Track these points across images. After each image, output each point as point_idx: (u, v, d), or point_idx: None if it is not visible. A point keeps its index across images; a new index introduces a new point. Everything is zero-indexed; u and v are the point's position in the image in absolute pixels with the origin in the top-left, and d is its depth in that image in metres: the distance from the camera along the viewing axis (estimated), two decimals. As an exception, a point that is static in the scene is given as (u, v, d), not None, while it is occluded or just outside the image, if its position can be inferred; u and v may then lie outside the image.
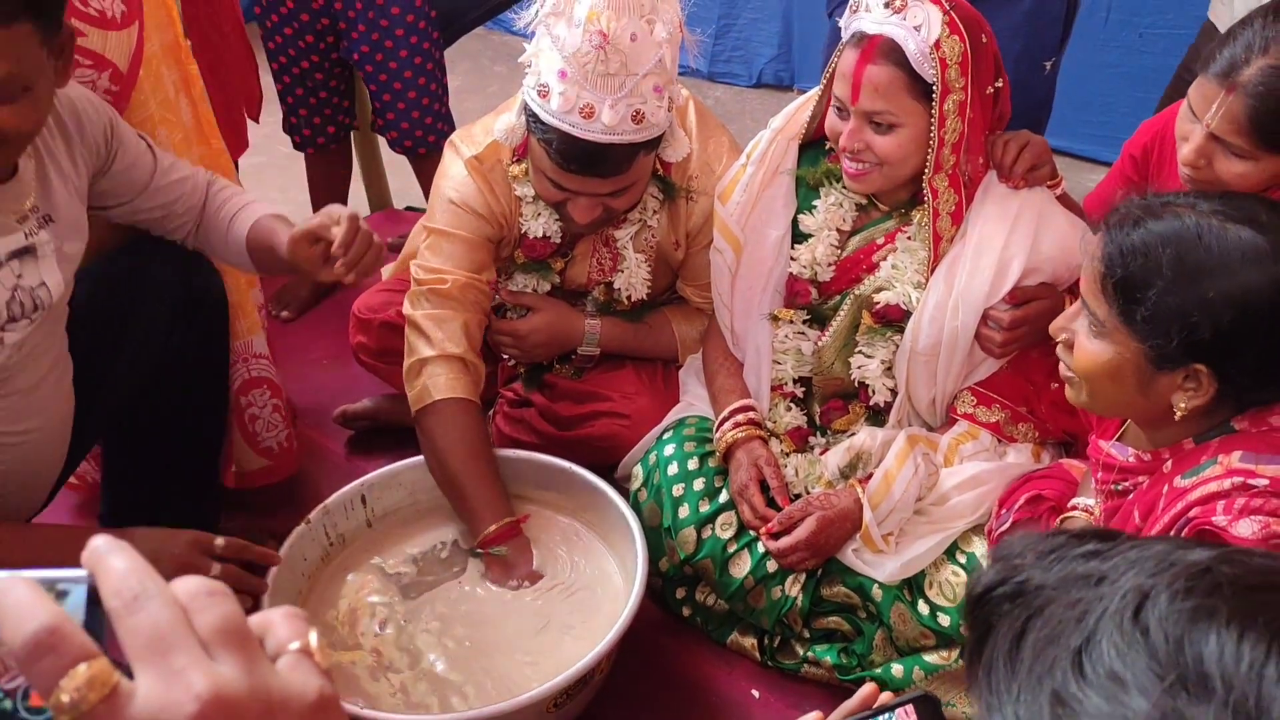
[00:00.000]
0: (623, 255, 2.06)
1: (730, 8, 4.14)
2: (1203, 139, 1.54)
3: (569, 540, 1.94)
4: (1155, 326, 1.23)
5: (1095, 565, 0.57)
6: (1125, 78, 3.33)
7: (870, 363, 1.85)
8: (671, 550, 1.91)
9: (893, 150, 1.72)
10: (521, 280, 2.11)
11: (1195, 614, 0.51)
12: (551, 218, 2.01)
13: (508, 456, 2.02)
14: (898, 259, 1.82)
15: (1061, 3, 2.25)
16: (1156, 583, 0.53)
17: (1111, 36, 3.33)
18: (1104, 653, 0.52)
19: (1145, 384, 1.27)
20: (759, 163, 1.90)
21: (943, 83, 1.65)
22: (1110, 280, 1.25)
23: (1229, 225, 1.21)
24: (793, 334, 1.92)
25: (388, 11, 2.56)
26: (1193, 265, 1.20)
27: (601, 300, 2.14)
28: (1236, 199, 1.29)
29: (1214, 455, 1.26)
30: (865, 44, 1.68)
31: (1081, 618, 0.54)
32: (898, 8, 1.66)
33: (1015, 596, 0.59)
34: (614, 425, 2.10)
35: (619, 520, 1.86)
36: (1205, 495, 1.23)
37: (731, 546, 1.87)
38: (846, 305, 1.89)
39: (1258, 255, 1.19)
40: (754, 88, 4.18)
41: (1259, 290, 1.19)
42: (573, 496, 1.96)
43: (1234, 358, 1.22)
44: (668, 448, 1.97)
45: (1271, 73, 1.46)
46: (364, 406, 2.46)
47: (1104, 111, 3.39)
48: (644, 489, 1.96)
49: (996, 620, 0.59)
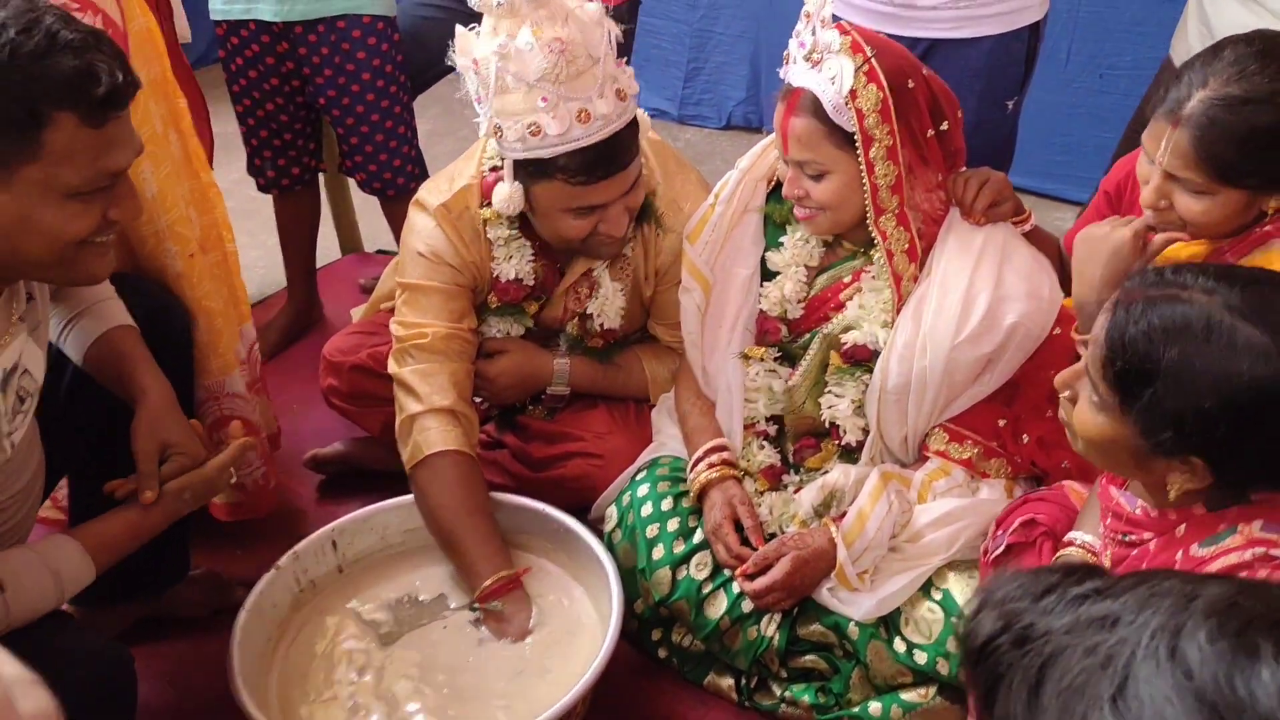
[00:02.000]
0: (599, 283, 2.06)
1: (700, 51, 4.19)
2: (1160, 178, 1.56)
3: (543, 583, 1.93)
4: (1150, 422, 1.20)
5: (1106, 606, 0.56)
6: (1088, 117, 3.39)
7: (840, 402, 1.86)
8: (646, 591, 1.90)
9: (828, 196, 1.76)
10: (496, 324, 2.10)
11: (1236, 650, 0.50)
12: (524, 259, 2.01)
13: (481, 498, 2.00)
14: (864, 299, 1.84)
15: (1022, 43, 2.28)
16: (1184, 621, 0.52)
17: (1073, 77, 3.39)
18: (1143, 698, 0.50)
19: (1141, 462, 1.26)
20: (727, 202, 1.92)
21: (861, 131, 1.69)
22: (1111, 368, 1.22)
23: (1239, 324, 1.14)
24: (764, 372, 1.93)
25: (353, 56, 2.57)
26: (1194, 368, 1.15)
27: (575, 335, 2.13)
28: (1256, 287, 1.19)
29: (1233, 524, 1.23)
30: (790, 96, 1.73)
31: (1108, 663, 0.52)
32: (815, 60, 1.70)
33: (1021, 643, 0.57)
34: (587, 465, 2.09)
35: (593, 562, 1.85)
36: (1227, 567, 1.20)
37: (707, 587, 1.86)
38: (815, 344, 1.89)
39: (1263, 361, 1.13)
40: (724, 130, 4.22)
41: (1258, 398, 1.14)
42: (546, 538, 1.95)
43: (1229, 457, 1.19)
44: (641, 488, 1.96)
45: (1211, 103, 1.49)
46: (334, 450, 2.43)
47: (1067, 151, 3.44)
48: (618, 530, 1.95)
49: (1005, 670, 0.57)
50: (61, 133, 1.25)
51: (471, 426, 1.97)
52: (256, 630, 1.76)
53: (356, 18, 2.55)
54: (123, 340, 1.66)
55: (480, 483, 1.94)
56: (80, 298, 1.68)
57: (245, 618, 1.73)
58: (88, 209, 1.32)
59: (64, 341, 1.69)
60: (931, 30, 2.21)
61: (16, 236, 1.29)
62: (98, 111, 1.26)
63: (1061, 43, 3.32)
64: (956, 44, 2.21)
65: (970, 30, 2.24)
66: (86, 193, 1.30)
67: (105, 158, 1.30)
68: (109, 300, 1.70)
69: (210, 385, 2.05)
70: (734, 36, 4.10)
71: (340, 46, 2.56)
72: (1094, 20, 3.30)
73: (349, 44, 2.56)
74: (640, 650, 1.98)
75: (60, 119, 1.24)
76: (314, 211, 2.97)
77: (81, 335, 1.67)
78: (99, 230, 1.35)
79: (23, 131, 1.23)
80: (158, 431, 1.59)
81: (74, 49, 1.24)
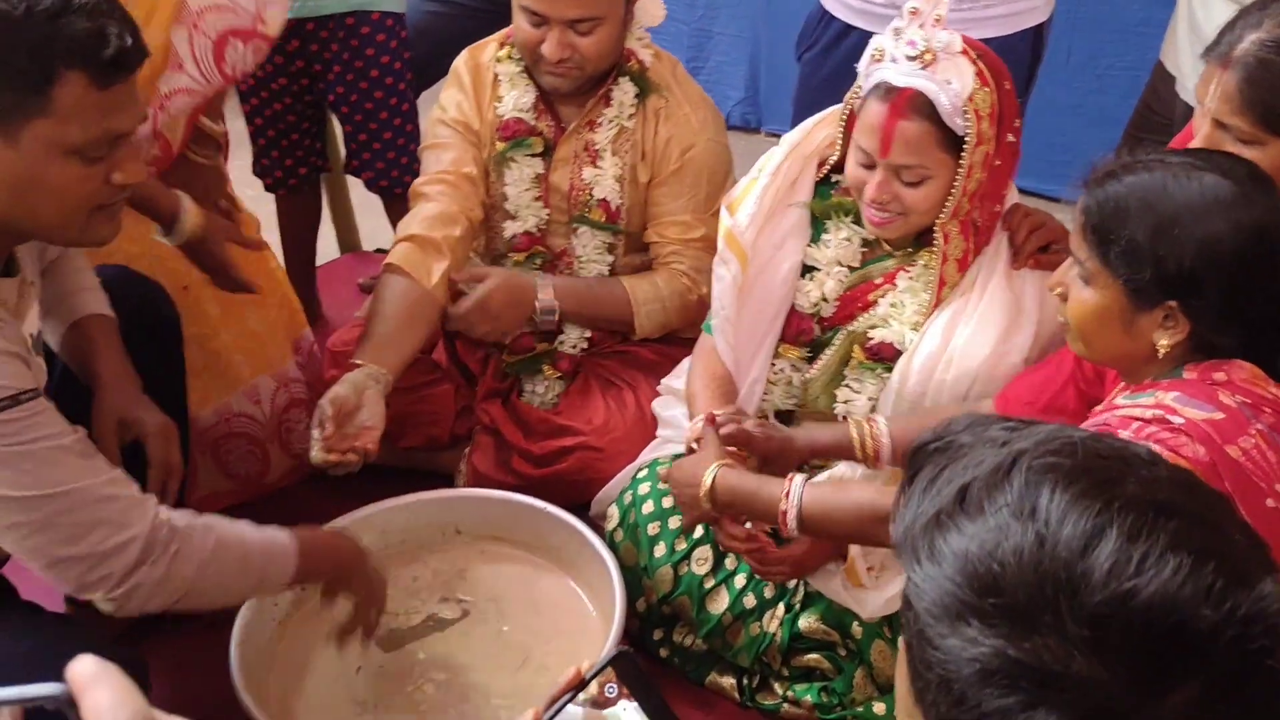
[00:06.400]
0: (600, 155, 2.11)
1: (698, 51, 4.18)
2: (1209, 127, 1.53)
3: (545, 582, 1.92)
4: (1128, 262, 1.31)
5: (1006, 434, 0.73)
6: (1088, 118, 3.39)
7: (858, 398, 1.84)
8: (649, 589, 1.89)
9: (921, 201, 1.71)
10: (510, 172, 2.15)
11: (1049, 469, 0.68)
12: (525, 92, 2.12)
13: (481, 498, 2.00)
14: (897, 297, 1.82)
15: (1027, 45, 2.28)
16: (1034, 445, 0.71)
17: (1073, 78, 3.39)
18: (978, 487, 0.69)
19: (1129, 324, 1.35)
20: (773, 175, 1.87)
21: (976, 135, 1.65)
22: (1088, 228, 1.35)
23: (1194, 173, 1.31)
24: (788, 367, 1.91)
25: (363, 53, 2.56)
26: (1159, 208, 1.30)
27: (580, 212, 2.16)
28: (1209, 153, 1.38)
29: (1156, 390, 1.34)
30: (894, 97, 1.65)
31: (977, 465, 0.71)
32: (927, 61, 1.64)
33: (941, 450, 0.75)
34: (587, 458, 2.10)
35: (595, 561, 1.84)
36: (1125, 416, 1.30)
37: (709, 582, 1.85)
38: (838, 340, 1.88)
39: (1219, 198, 1.29)
40: (722, 129, 4.22)
41: (1218, 229, 1.28)
42: (548, 537, 1.95)
43: (1199, 295, 1.30)
44: (642, 486, 1.95)
45: (1262, 45, 1.46)
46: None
47: (1068, 151, 3.43)
48: (620, 529, 1.95)
49: (924, 465, 0.74)
50: (70, 91, 1.28)
51: (434, 253, 2.03)
52: (257, 629, 1.75)
53: (367, 14, 2.54)
54: (93, 327, 1.67)
55: (415, 301, 2.01)
56: (62, 286, 1.69)
57: (246, 617, 1.72)
58: (92, 170, 1.34)
59: (44, 329, 1.69)
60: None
61: (28, 195, 1.33)
62: (106, 72, 1.29)
63: (1061, 43, 3.31)
64: (962, 42, 2.20)
65: (975, 31, 2.20)
66: (91, 153, 1.33)
67: (110, 119, 1.32)
68: (90, 290, 1.71)
69: (220, 408, 2.08)
70: (733, 36, 4.10)
71: (349, 43, 2.55)
72: (1093, 21, 3.30)
73: (358, 40, 2.55)
74: (642, 650, 1.97)
75: (70, 77, 1.27)
76: (315, 212, 2.97)
77: (58, 323, 1.68)
78: (105, 193, 1.37)
79: (34, 87, 1.27)
80: (114, 409, 1.60)
81: (86, 11, 1.28)
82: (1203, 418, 1.27)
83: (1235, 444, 1.26)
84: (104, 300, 1.72)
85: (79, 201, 1.35)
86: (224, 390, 2.12)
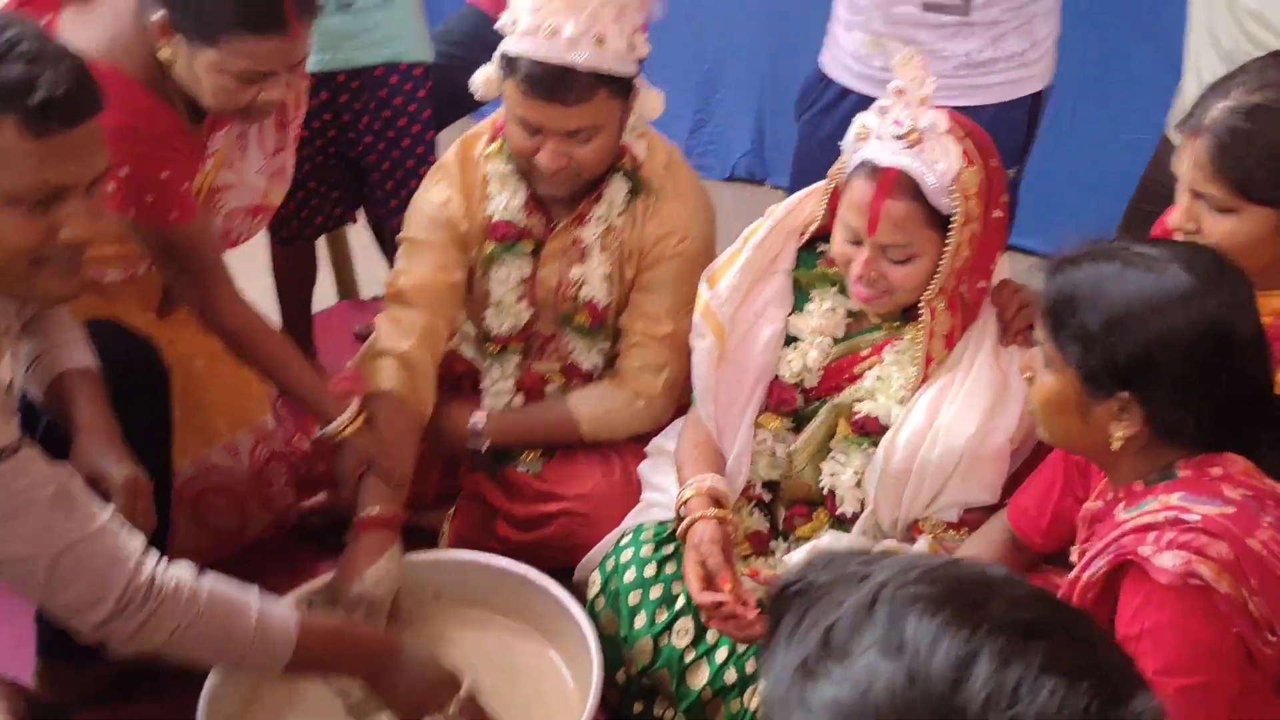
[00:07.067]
0: (589, 252, 2.08)
1: (705, 104, 4.19)
2: (1187, 198, 1.54)
3: (524, 650, 1.89)
4: (1080, 346, 1.32)
5: (862, 569, 0.72)
6: (1091, 183, 3.37)
7: (844, 471, 1.82)
8: (629, 660, 1.86)
9: (908, 279, 1.70)
10: (497, 273, 2.12)
11: (912, 599, 0.67)
12: (516, 195, 2.06)
13: (463, 561, 1.98)
14: (884, 370, 1.80)
15: (1024, 112, 2.28)
16: (893, 577, 0.69)
17: (1077, 143, 3.38)
18: (843, 628, 0.68)
19: (1085, 412, 1.34)
20: (755, 249, 1.86)
21: (964, 214, 1.64)
22: (1046, 312, 1.36)
23: (1153, 264, 1.31)
24: (772, 439, 1.88)
25: (391, 103, 2.57)
26: (1111, 293, 1.31)
27: (567, 312, 2.13)
28: (1173, 245, 1.40)
29: (1157, 494, 1.32)
30: (881, 176, 1.65)
31: (838, 605, 0.69)
32: (913, 141, 1.63)
33: (802, 593, 0.73)
34: (572, 524, 2.07)
35: (575, 629, 1.81)
36: (1139, 525, 1.28)
37: (689, 655, 1.81)
38: (823, 412, 1.85)
39: (1173, 290, 1.28)
40: (727, 181, 4.22)
41: (1171, 321, 1.28)
42: (529, 603, 1.92)
43: (1152, 385, 1.29)
44: (625, 553, 1.92)
45: (1230, 112, 1.47)
46: (319, 500, 2.40)
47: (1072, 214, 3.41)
48: (601, 596, 1.91)
49: (786, 611, 0.73)
50: (3, 136, 1.27)
51: (423, 376, 2.03)
52: (228, 694, 1.72)
53: (396, 65, 2.55)
54: (75, 380, 1.66)
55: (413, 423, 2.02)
56: (46, 339, 1.68)
57: (214, 681, 1.69)
58: (33, 222, 1.31)
59: (28, 382, 1.69)
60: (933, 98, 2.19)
61: None
62: (36, 120, 1.27)
63: (1065, 108, 3.32)
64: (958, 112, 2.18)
65: (973, 99, 2.22)
66: (29, 203, 1.30)
67: (47, 169, 1.30)
68: (74, 343, 1.69)
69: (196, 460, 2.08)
70: (739, 89, 4.11)
71: (378, 94, 2.55)
72: (1098, 86, 3.30)
73: (386, 90, 2.55)
74: (621, 721, 1.94)
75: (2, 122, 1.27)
76: (313, 260, 2.95)
77: (42, 376, 1.67)
78: (50, 248, 1.35)
79: None
80: (83, 465, 1.57)
81: (26, 58, 1.27)
82: (1215, 512, 1.25)
83: (1254, 536, 1.24)
84: (87, 353, 1.70)
85: (15, 252, 1.33)
86: (202, 444, 2.11)
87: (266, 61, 1.73)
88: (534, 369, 2.22)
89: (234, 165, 1.99)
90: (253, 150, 2.00)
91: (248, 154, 2.00)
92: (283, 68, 1.76)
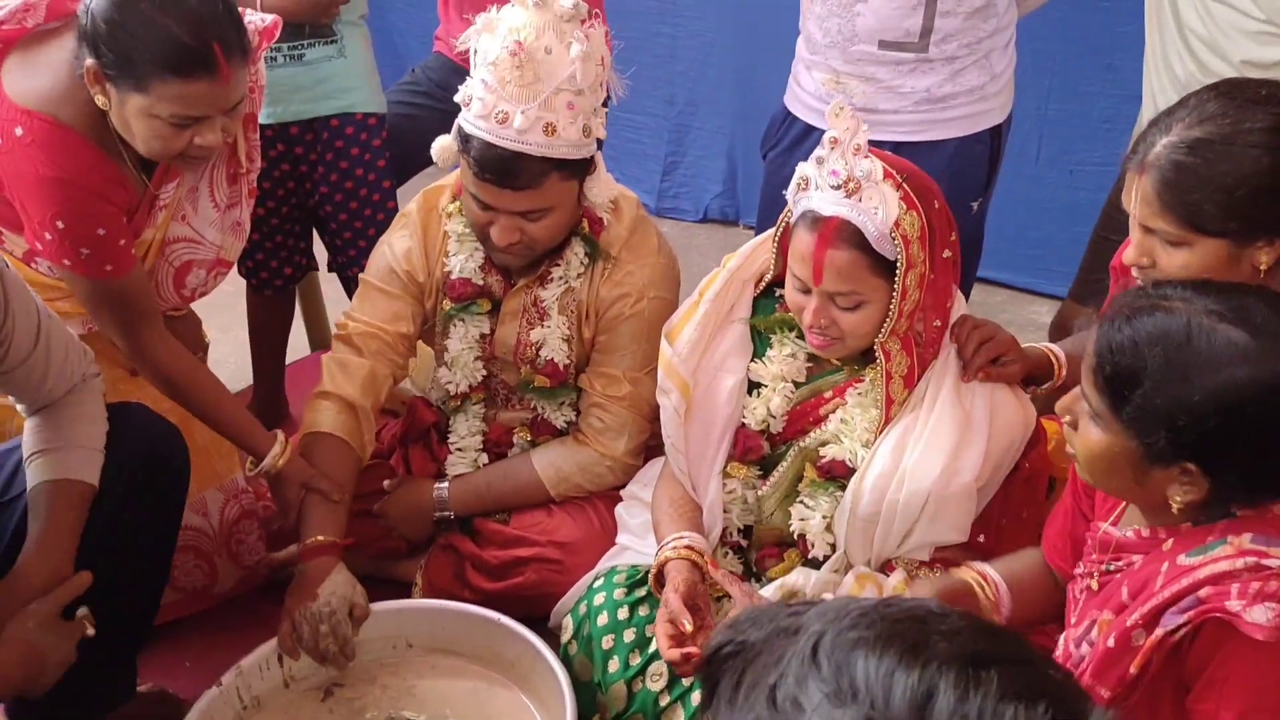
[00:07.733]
0: (547, 313, 2.06)
1: (677, 146, 4.23)
2: (1139, 233, 1.53)
3: (497, 698, 1.86)
4: (1142, 424, 1.23)
5: (793, 620, 0.71)
6: (1059, 212, 3.40)
7: (813, 516, 1.80)
8: (603, 706, 1.83)
9: (859, 325, 1.70)
10: (456, 330, 2.11)
11: (854, 644, 0.66)
12: (474, 256, 2.06)
13: (434, 609, 1.95)
14: (848, 413, 1.79)
15: (985, 145, 2.29)
16: (829, 625, 0.68)
17: (1043, 174, 3.41)
18: (789, 685, 0.66)
19: (1140, 476, 1.27)
20: (712, 302, 1.86)
21: (906, 259, 1.64)
22: (1100, 375, 1.26)
23: (1219, 325, 1.20)
24: (741, 486, 1.87)
25: (347, 154, 2.58)
26: (1179, 366, 1.20)
27: (526, 377, 2.12)
28: (1235, 294, 1.25)
29: (1222, 535, 1.25)
30: (822, 227, 1.65)
31: (778, 662, 0.68)
32: (851, 190, 1.62)
33: (736, 654, 0.72)
34: (544, 571, 2.05)
35: (549, 676, 1.79)
36: (1216, 574, 1.21)
37: (664, 699, 1.79)
38: (790, 456, 1.85)
39: (1245, 358, 1.18)
40: (700, 223, 4.24)
41: (1244, 394, 1.18)
42: (501, 650, 1.89)
43: (1223, 459, 1.22)
44: (598, 597, 1.90)
45: (1173, 147, 1.46)
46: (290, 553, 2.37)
47: (1040, 245, 3.45)
48: (574, 641, 1.89)
49: (722, 675, 0.71)
50: None
51: (365, 421, 2.05)
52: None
53: (350, 115, 2.57)
54: (60, 495, 1.60)
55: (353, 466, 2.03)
56: (58, 434, 1.63)
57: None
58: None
59: (28, 470, 1.64)
60: (894, 134, 2.21)
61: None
62: None
63: (1032, 138, 3.35)
64: (919, 147, 2.20)
65: (933, 134, 2.24)
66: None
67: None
68: (85, 449, 1.65)
69: None
70: (711, 132, 4.14)
71: (334, 144, 2.57)
72: (1063, 117, 3.33)
73: (342, 141, 2.57)
74: (598, 768, 1.91)
75: None
76: (288, 310, 2.95)
77: (37, 473, 1.62)
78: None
79: None
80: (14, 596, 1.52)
81: None
82: None
83: None
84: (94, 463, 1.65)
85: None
86: None
87: (197, 105, 1.70)
88: (500, 419, 2.21)
89: (185, 218, 1.98)
90: (204, 202, 1.99)
91: (199, 206, 1.99)
92: (215, 111, 1.73)
